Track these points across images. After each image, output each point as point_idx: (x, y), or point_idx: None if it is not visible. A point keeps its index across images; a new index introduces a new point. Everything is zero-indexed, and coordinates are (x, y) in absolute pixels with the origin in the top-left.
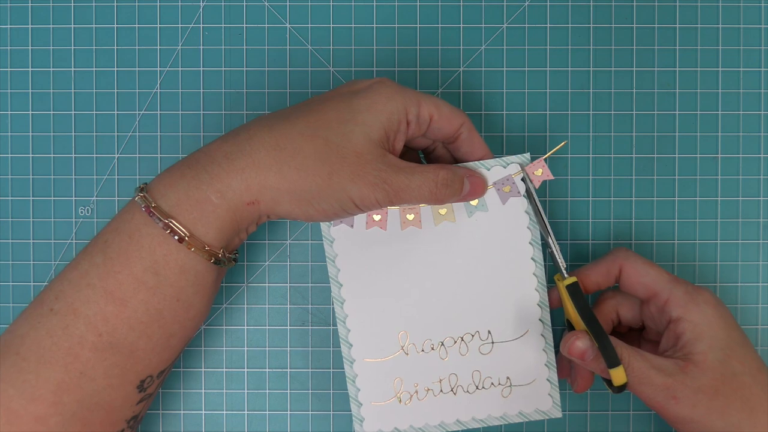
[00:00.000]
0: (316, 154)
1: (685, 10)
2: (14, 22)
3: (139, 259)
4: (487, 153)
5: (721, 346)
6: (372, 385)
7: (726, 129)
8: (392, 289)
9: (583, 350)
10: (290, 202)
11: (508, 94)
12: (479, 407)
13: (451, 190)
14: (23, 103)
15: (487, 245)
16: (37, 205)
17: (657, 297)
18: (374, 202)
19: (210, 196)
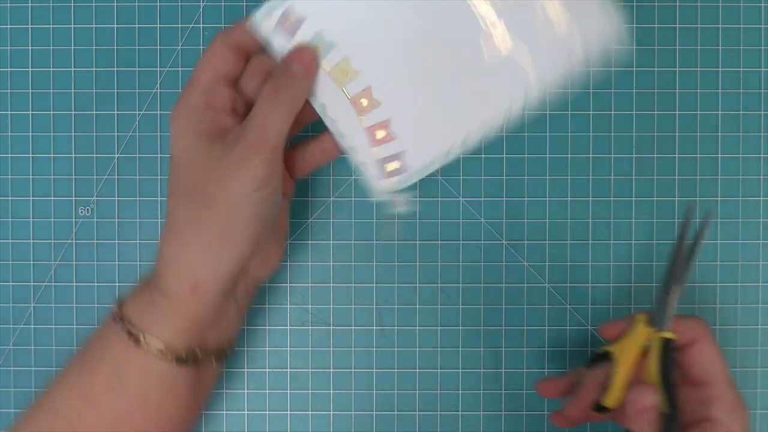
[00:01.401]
0: (189, 210)
1: (685, 10)
2: (14, 22)
3: (107, 362)
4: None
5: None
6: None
7: (726, 129)
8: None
9: (647, 406)
10: (220, 263)
11: None
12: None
13: (288, 82)
14: (23, 103)
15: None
16: (37, 205)
17: (707, 389)
18: (259, 169)
19: (155, 296)
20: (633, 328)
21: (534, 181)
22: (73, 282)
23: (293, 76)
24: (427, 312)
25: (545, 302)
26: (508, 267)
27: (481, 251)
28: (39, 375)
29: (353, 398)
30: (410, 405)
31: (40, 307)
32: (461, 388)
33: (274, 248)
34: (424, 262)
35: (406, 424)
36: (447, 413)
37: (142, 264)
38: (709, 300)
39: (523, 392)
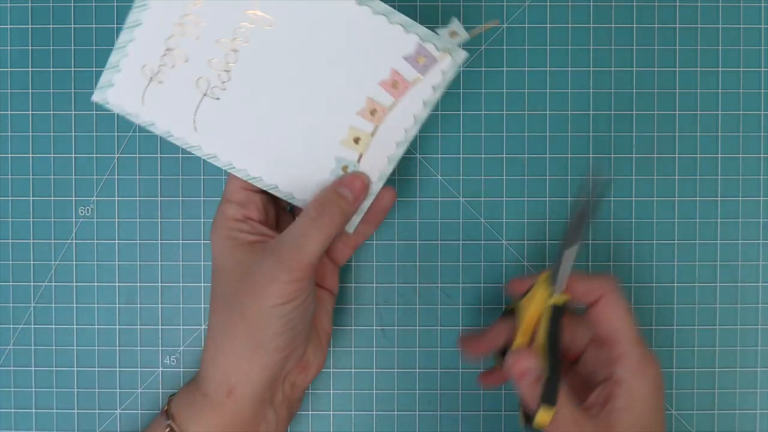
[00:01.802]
0: (223, 319)
1: (685, 10)
2: (14, 22)
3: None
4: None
5: (647, 422)
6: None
7: (726, 129)
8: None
9: (526, 370)
10: (251, 371)
11: (508, 94)
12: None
13: (335, 206)
14: (23, 103)
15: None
16: (37, 205)
17: (613, 348)
18: (287, 286)
19: (197, 396)
20: (536, 286)
21: (534, 181)
22: (73, 282)
23: (343, 201)
24: (427, 312)
25: None
26: (508, 267)
27: (481, 251)
28: (39, 375)
29: (353, 398)
30: (410, 405)
31: (40, 307)
32: (461, 388)
33: (314, 354)
34: (424, 262)
35: (406, 424)
36: (447, 413)
37: (142, 264)
38: (708, 300)
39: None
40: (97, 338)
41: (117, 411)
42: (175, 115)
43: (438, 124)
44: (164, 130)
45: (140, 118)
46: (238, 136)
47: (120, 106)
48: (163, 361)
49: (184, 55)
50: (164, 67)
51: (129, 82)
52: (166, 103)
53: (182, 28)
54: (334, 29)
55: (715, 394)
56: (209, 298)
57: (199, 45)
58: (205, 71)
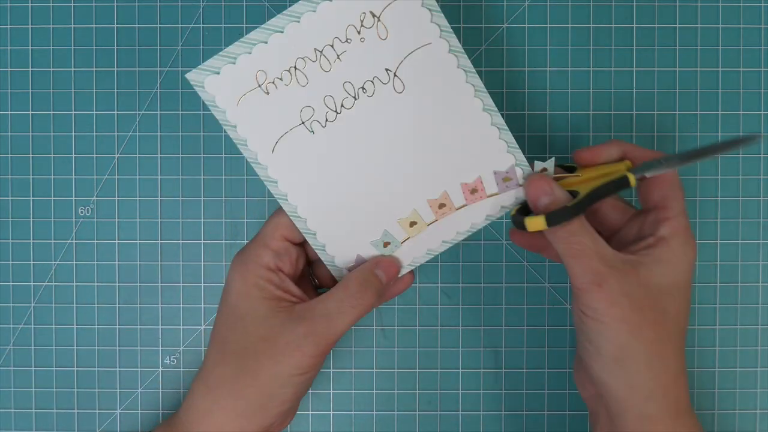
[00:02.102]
0: (232, 374)
1: (685, 10)
2: (14, 22)
3: None
4: None
5: (672, 283)
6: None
7: (726, 129)
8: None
9: (545, 189)
10: (248, 423)
11: (508, 94)
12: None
13: (372, 287)
14: (23, 103)
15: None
16: (37, 205)
17: (664, 211)
18: (311, 359)
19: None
20: (613, 162)
21: None
22: (73, 282)
23: (379, 283)
24: (427, 312)
25: (545, 302)
26: (508, 267)
27: (481, 251)
28: (39, 375)
29: (353, 398)
30: (410, 405)
31: (40, 307)
32: (461, 388)
33: (294, 410)
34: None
35: (406, 424)
36: (447, 413)
37: (142, 264)
38: (709, 300)
39: (523, 392)
40: (97, 338)
41: (117, 411)
42: (262, 128)
43: None
44: (242, 137)
45: (225, 116)
46: (307, 175)
47: (212, 97)
48: (163, 361)
49: (306, 79)
50: (280, 81)
51: (235, 79)
52: (261, 114)
53: (319, 56)
54: (450, 120)
55: (715, 394)
56: (212, 338)
57: (325, 77)
58: (317, 103)
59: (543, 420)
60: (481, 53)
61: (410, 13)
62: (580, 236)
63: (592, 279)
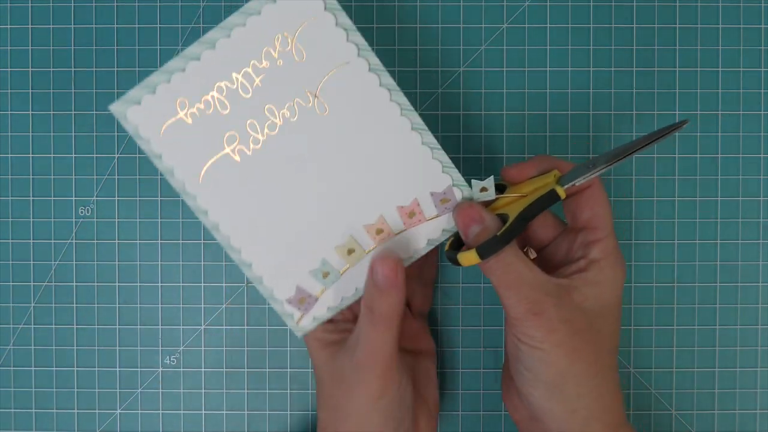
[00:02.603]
0: (327, 411)
1: (685, 10)
2: (14, 22)
3: None
4: None
5: (605, 304)
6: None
7: (726, 129)
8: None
9: (475, 217)
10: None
11: (508, 94)
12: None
13: (380, 305)
14: (23, 103)
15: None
16: (37, 205)
17: (593, 232)
18: (376, 383)
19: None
20: (543, 177)
21: None
22: (73, 282)
23: (381, 291)
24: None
25: None
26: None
27: None
28: (39, 375)
29: None
30: None
31: (40, 307)
32: (461, 388)
33: (427, 424)
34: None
35: None
36: (447, 413)
37: (142, 264)
38: (709, 300)
39: None
40: (97, 338)
41: (117, 411)
42: (187, 157)
43: (438, 124)
44: (168, 166)
45: (149, 146)
46: (237, 203)
47: (135, 127)
48: (163, 361)
49: (226, 105)
50: (201, 108)
51: (156, 108)
52: (185, 142)
53: (239, 81)
54: (379, 141)
55: (715, 394)
56: (316, 388)
57: (246, 102)
58: (240, 129)
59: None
60: (481, 53)
61: (325, 33)
62: (514, 266)
63: (530, 308)
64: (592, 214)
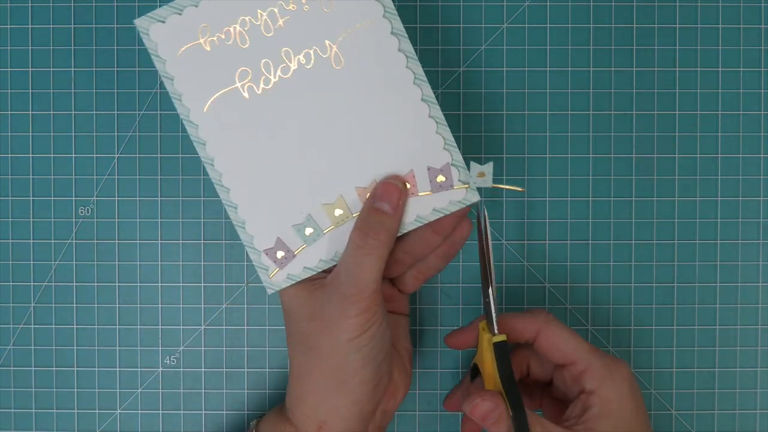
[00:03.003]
0: (304, 359)
1: (685, 10)
2: (14, 22)
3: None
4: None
5: (624, 430)
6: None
7: (726, 129)
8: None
9: (486, 412)
10: (340, 406)
11: (508, 94)
12: None
13: (378, 224)
14: (23, 103)
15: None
16: (37, 205)
17: (574, 366)
18: (357, 319)
19: (286, 427)
20: (480, 335)
21: (534, 181)
22: (73, 282)
23: (381, 217)
24: (427, 312)
25: (545, 302)
26: (508, 267)
27: None
28: (39, 375)
29: None
30: (410, 405)
31: (40, 307)
32: None
33: (400, 376)
34: None
35: (406, 424)
36: (447, 413)
37: (142, 264)
38: (709, 300)
39: None
40: (97, 338)
41: (117, 411)
42: (198, 84)
43: None
44: (178, 90)
45: (164, 66)
46: (236, 141)
47: (155, 45)
48: (163, 361)
49: (246, 40)
50: (221, 38)
51: (179, 29)
52: (199, 69)
53: (263, 18)
54: (387, 105)
55: (715, 394)
56: (286, 338)
57: (265, 41)
58: (254, 66)
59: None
60: (481, 53)
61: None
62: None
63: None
64: (559, 353)
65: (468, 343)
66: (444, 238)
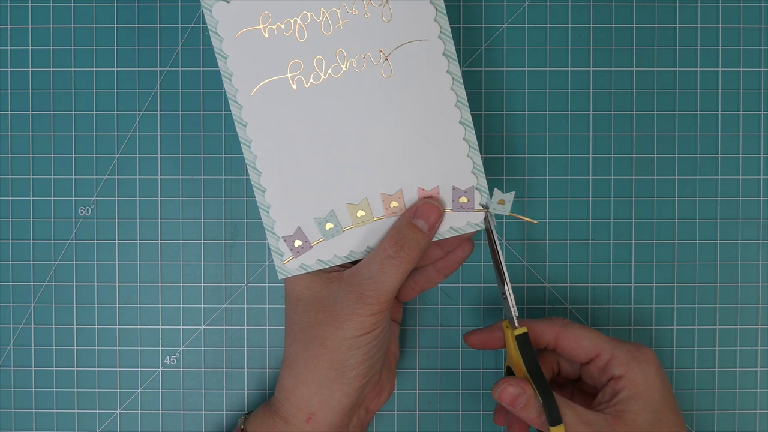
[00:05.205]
0: (304, 348)
1: (685, 10)
2: (14, 22)
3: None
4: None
5: (654, 409)
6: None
7: (726, 129)
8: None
9: (514, 396)
10: (332, 398)
11: (508, 94)
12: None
13: (412, 240)
14: (23, 103)
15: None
16: (37, 205)
17: (599, 358)
18: (368, 319)
19: (275, 420)
20: (505, 334)
21: (534, 181)
22: (73, 282)
23: (420, 235)
24: (427, 312)
25: (545, 302)
26: (509, 267)
27: (481, 251)
28: (39, 375)
29: None
30: (410, 405)
31: (40, 307)
32: (461, 388)
33: (387, 378)
34: None
35: (406, 424)
36: (447, 413)
37: (142, 264)
38: (709, 300)
39: None
40: (97, 338)
41: (117, 411)
42: (249, 68)
43: None
44: (230, 70)
45: (221, 45)
46: (276, 128)
47: (216, 22)
48: (163, 361)
49: (305, 34)
50: (281, 27)
51: (241, 12)
52: (253, 54)
53: (325, 17)
54: (426, 120)
55: (715, 394)
56: (285, 325)
57: (323, 39)
58: (307, 61)
59: None
60: (481, 53)
61: (417, 5)
62: (565, 416)
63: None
64: (581, 351)
65: (488, 343)
66: (446, 253)
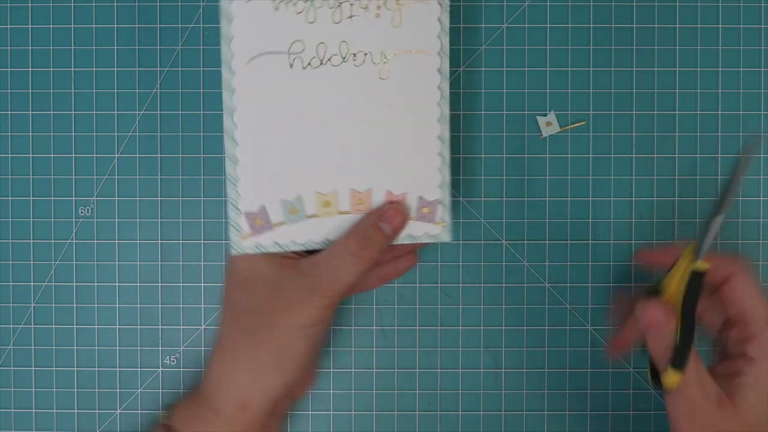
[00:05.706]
0: (247, 332)
1: (685, 10)
2: (14, 22)
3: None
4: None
5: (765, 407)
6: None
7: (726, 129)
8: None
9: (657, 321)
10: (270, 386)
11: (508, 94)
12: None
13: (375, 242)
14: (23, 103)
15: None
16: (37, 205)
17: (745, 328)
18: (320, 311)
19: (204, 412)
20: (681, 259)
21: (534, 181)
22: (73, 282)
23: (384, 237)
24: (427, 312)
25: (545, 302)
26: (508, 267)
27: (482, 251)
28: (39, 375)
29: (353, 398)
30: (410, 405)
31: (40, 307)
32: (461, 388)
33: (312, 370)
34: (424, 262)
35: (406, 424)
36: (447, 413)
37: (142, 264)
38: None
39: (523, 392)
40: (97, 338)
41: (117, 411)
42: (251, 37)
43: None
44: (231, 33)
45: (228, 6)
46: (263, 103)
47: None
48: (163, 361)
49: (314, 18)
50: (293, 5)
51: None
52: (259, 24)
53: (337, 6)
54: (409, 128)
55: None
56: (224, 305)
57: (330, 27)
58: (310, 44)
59: (543, 420)
60: (481, 53)
61: (427, 17)
62: (690, 369)
63: (687, 410)
64: (740, 308)
65: (658, 262)
66: (392, 257)
